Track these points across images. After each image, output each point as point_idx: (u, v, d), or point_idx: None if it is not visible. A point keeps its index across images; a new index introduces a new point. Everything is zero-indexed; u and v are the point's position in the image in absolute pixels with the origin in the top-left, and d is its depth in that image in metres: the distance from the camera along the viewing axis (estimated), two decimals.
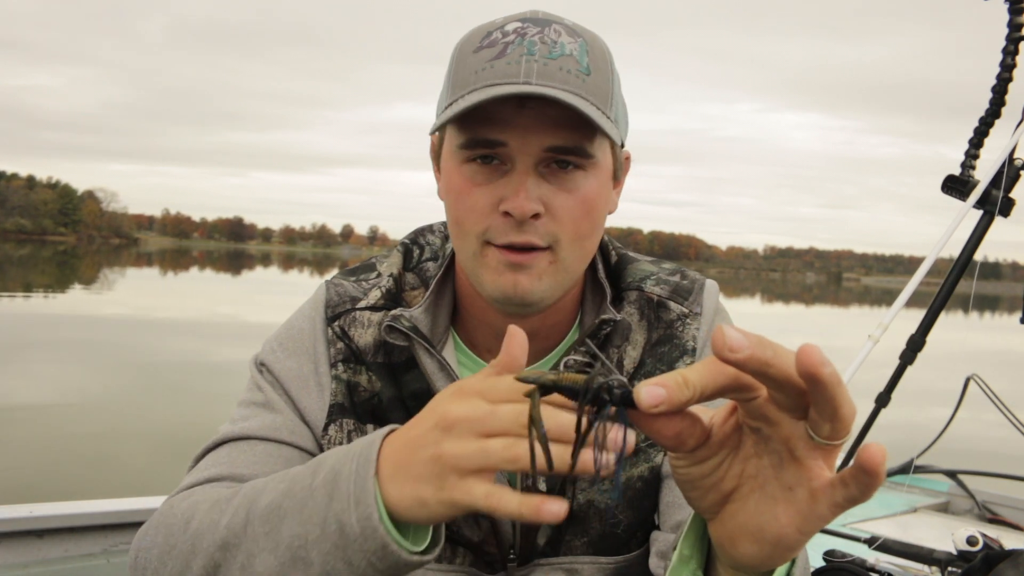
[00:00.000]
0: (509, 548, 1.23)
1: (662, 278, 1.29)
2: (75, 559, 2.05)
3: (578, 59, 1.07)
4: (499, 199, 1.08)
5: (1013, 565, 1.79)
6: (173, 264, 77.33)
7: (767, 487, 0.68)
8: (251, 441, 1.19)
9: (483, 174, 1.09)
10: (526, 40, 1.06)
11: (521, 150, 1.07)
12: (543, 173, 1.09)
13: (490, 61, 1.06)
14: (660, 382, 0.62)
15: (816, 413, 0.62)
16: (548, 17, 1.11)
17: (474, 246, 1.12)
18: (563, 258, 1.12)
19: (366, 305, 1.25)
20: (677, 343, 1.25)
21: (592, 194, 1.11)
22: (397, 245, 1.34)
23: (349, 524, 0.83)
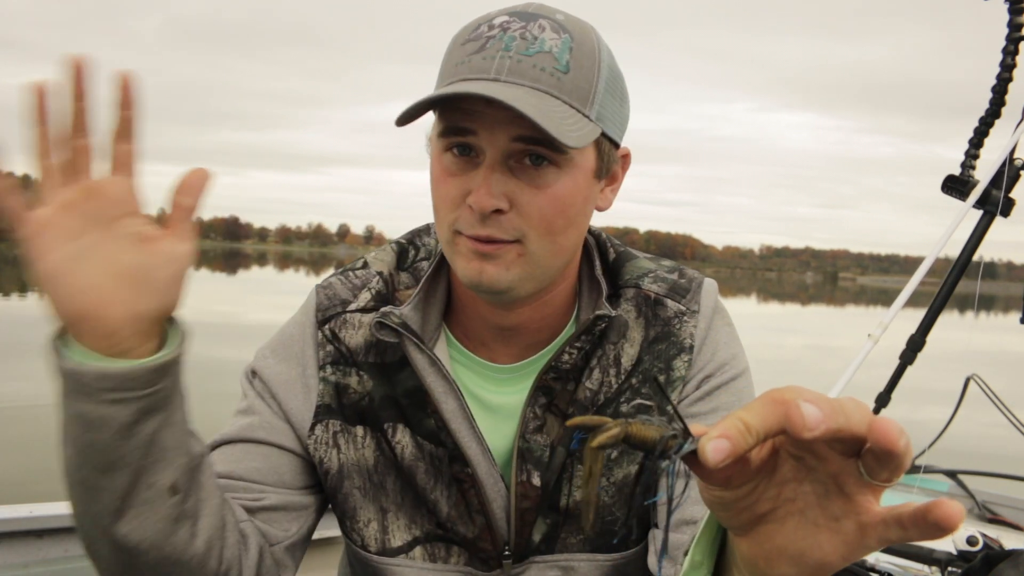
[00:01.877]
0: (504, 545, 1.23)
1: (660, 276, 1.29)
2: (75, 559, 2.05)
3: (556, 56, 1.06)
4: (467, 191, 1.09)
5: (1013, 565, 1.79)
6: None
7: (808, 513, 0.66)
8: (230, 444, 1.22)
9: (457, 165, 1.10)
10: (507, 35, 1.07)
11: (489, 141, 1.07)
12: (512, 168, 1.08)
13: (470, 55, 1.08)
14: (724, 434, 0.59)
15: (876, 463, 0.60)
16: (539, 11, 1.11)
17: (447, 234, 1.13)
18: (532, 251, 1.11)
19: (356, 307, 1.26)
20: (674, 340, 1.25)
21: (564, 191, 1.10)
22: (391, 243, 1.34)
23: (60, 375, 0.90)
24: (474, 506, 1.21)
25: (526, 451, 1.20)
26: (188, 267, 0.92)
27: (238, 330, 19.27)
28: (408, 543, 1.24)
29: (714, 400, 1.24)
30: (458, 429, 1.19)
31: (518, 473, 1.21)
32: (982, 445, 4.98)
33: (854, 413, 0.59)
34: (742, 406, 1.26)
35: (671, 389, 1.23)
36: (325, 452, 1.23)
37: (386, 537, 1.24)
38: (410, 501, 1.23)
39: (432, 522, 1.23)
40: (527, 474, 1.21)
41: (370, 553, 1.25)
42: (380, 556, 1.25)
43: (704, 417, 1.23)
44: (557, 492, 1.22)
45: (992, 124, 2.47)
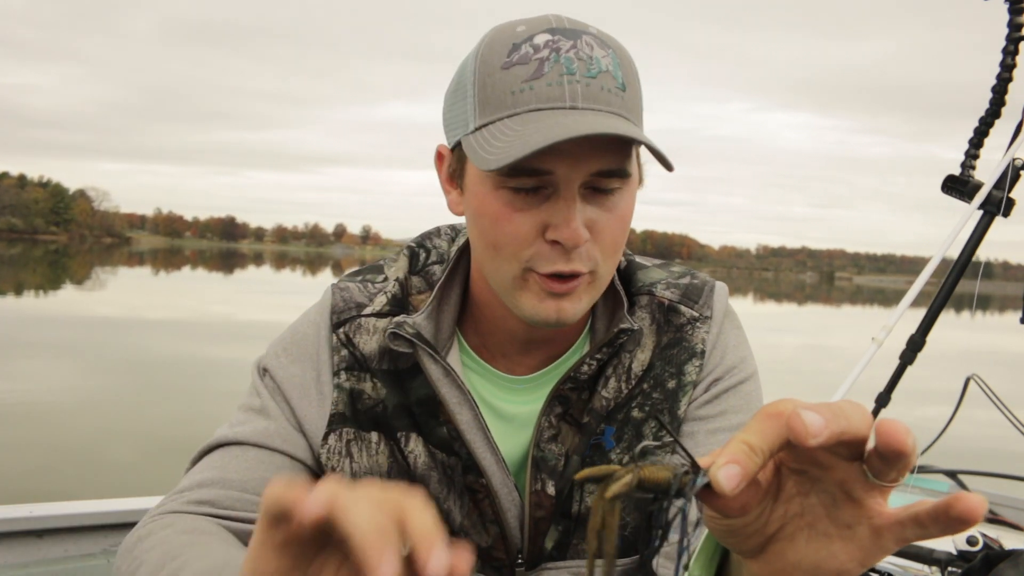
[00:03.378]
0: (517, 553, 1.22)
1: (672, 282, 1.28)
2: (75, 559, 2.04)
3: (614, 75, 1.04)
4: (544, 226, 1.05)
5: (1013, 565, 1.79)
6: (165, 263, 77.24)
7: (818, 525, 0.65)
8: (244, 447, 1.19)
9: (523, 199, 1.05)
10: (562, 56, 1.02)
11: (567, 177, 1.03)
12: (585, 195, 1.06)
13: (527, 81, 1.02)
14: (732, 459, 0.59)
15: (883, 463, 0.60)
16: (575, 27, 1.06)
17: (515, 271, 1.08)
18: (600, 275, 1.11)
19: (371, 312, 1.24)
20: (686, 346, 1.24)
21: (628, 209, 1.10)
22: (403, 248, 1.32)
23: None
24: (488, 516, 1.20)
25: (540, 460, 1.20)
26: None
27: (235, 329, 19.29)
28: None
29: (722, 403, 1.24)
30: (473, 440, 1.18)
31: (532, 482, 1.20)
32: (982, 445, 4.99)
33: (854, 415, 0.59)
34: (749, 410, 1.26)
35: (682, 394, 1.23)
36: (338, 462, 1.21)
37: None
38: None
39: (445, 530, 1.22)
40: (541, 483, 1.20)
41: None
42: None
43: (713, 420, 1.23)
44: (569, 499, 1.21)
45: (992, 124, 2.47)
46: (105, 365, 13.04)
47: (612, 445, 1.21)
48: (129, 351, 14.58)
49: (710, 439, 1.21)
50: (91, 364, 13.03)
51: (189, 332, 17.96)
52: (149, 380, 11.77)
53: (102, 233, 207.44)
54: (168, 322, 20.13)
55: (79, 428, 8.83)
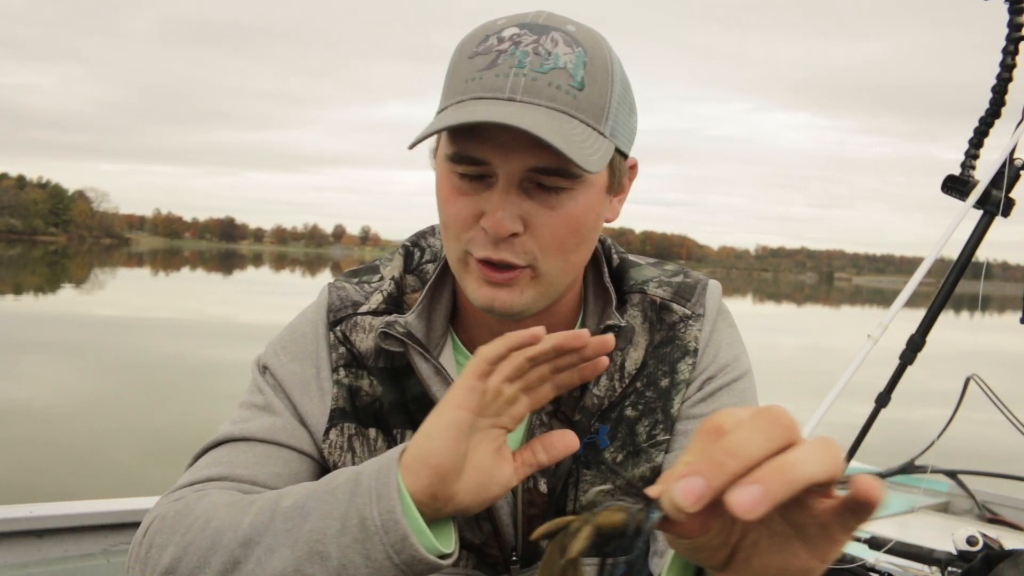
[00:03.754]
0: (511, 551, 1.22)
1: (664, 280, 1.28)
2: (75, 559, 2.04)
3: (572, 72, 1.03)
4: (480, 212, 1.07)
5: (1013, 565, 1.79)
6: (164, 264, 77.22)
7: (774, 527, 0.66)
8: (250, 442, 1.19)
9: (469, 184, 1.07)
10: (519, 50, 1.03)
11: (504, 168, 1.04)
12: (527, 189, 1.06)
13: (480, 71, 1.04)
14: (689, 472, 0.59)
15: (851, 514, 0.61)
16: (549, 23, 1.07)
17: (458, 252, 1.11)
18: (545, 272, 1.10)
19: (367, 310, 1.24)
20: (679, 344, 1.24)
21: (578, 211, 1.08)
22: (399, 248, 1.33)
23: (371, 517, 0.91)
24: (481, 513, 1.20)
25: None
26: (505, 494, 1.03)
27: (234, 330, 19.30)
28: None
29: (716, 401, 1.24)
30: None
31: (524, 480, 1.18)
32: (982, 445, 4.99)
33: (812, 462, 0.58)
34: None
35: (675, 392, 1.23)
36: (340, 456, 1.21)
37: None
38: None
39: None
40: (533, 481, 1.20)
41: None
42: None
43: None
44: (564, 497, 1.21)
45: (992, 124, 2.47)
46: (104, 366, 13.04)
47: (606, 444, 1.21)
48: (128, 352, 14.58)
49: None
50: (90, 365, 13.03)
51: (188, 333, 17.96)
52: (148, 381, 11.77)
53: (101, 234, 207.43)
54: (167, 323, 20.14)
55: (78, 428, 8.83)
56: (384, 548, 0.90)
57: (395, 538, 0.90)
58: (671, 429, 1.23)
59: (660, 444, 1.22)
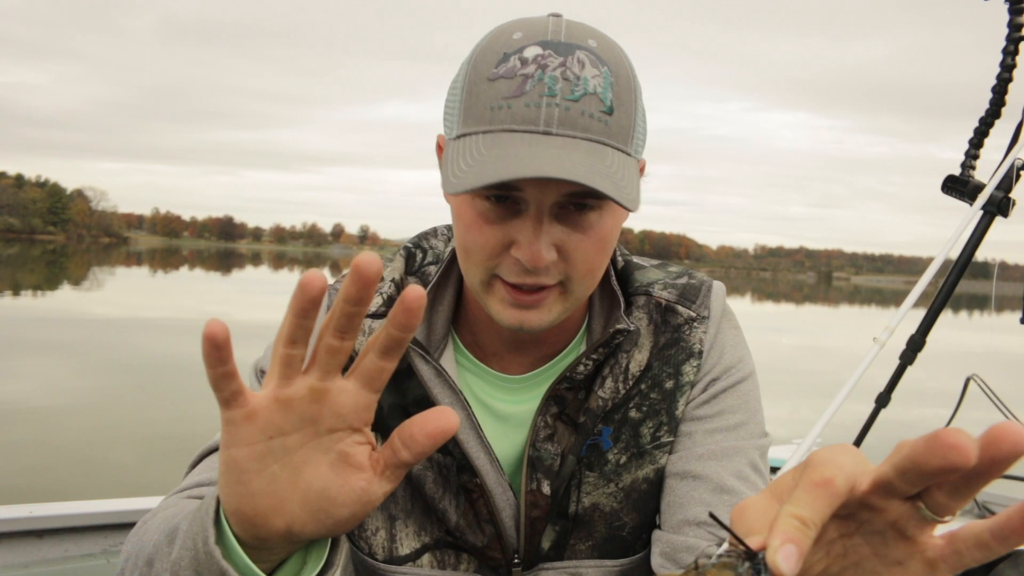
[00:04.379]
0: (513, 553, 1.22)
1: (669, 282, 1.28)
2: (75, 559, 2.04)
3: (602, 97, 1.00)
4: (511, 241, 1.05)
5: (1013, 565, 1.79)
6: (163, 263, 77.20)
7: (864, 564, 0.63)
8: None
9: (495, 212, 1.05)
10: (547, 75, 0.99)
11: (537, 197, 1.02)
12: (557, 215, 1.05)
13: (507, 99, 1.00)
14: (788, 538, 0.55)
15: (950, 498, 0.57)
16: (571, 40, 1.03)
17: (482, 276, 1.09)
18: (573, 290, 1.10)
19: (367, 313, 1.24)
20: (684, 346, 1.24)
21: (607, 231, 1.08)
22: (400, 249, 1.32)
23: (199, 549, 0.80)
24: (483, 515, 1.20)
25: (536, 460, 1.19)
26: (373, 508, 0.79)
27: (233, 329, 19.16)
28: (416, 551, 1.22)
29: (720, 403, 1.23)
30: (466, 440, 1.18)
31: (528, 482, 1.19)
32: None
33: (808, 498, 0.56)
34: (747, 410, 1.25)
35: (680, 394, 1.23)
36: None
37: (394, 545, 1.22)
38: (419, 509, 1.22)
39: (441, 529, 1.22)
40: (537, 483, 1.20)
41: (377, 561, 1.23)
42: (387, 564, 1.23)
43: (710, 420, 1.22)
44: (566, 499, 1.21)
45: (992, 124, 2.47)
46: (103, 365, 13.03)
47: (610, 445, 1.21)
48: (127, 351, 14.57)
49: (707, 439, 1.21)
50: (88, 364, 13.02)
51: (187, 332, 17.93)
52: (147, 380, 11.76)
53: (100, 233, 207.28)
54: (166, 322, 20.13)
55: (76, 428, 8.82)
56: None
57: (216, 570, 0.78)
58: (675, 431, 1.22)
59: (664, 446, 1.22)
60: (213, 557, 0.77)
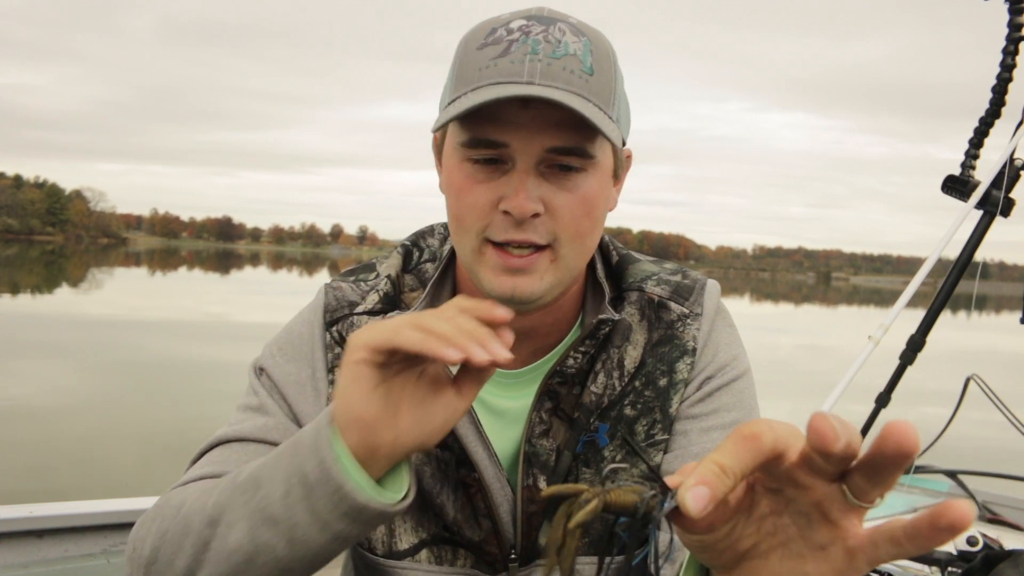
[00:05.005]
0: (510, 548, 1.23)
1: (663, 278, 1.29)
2: (75, 559, 2.04)
3: (581, 59, 1.06)
4: (499, 197, 1.08)
5: (1013, 565, 1.79)
6: (162, 264, 77.19)
7: (791, 545, 0.65)
8: (244, 442, 1.20)
9: (484, 172, 1.09)
10: (530, 38, 1.06)
11: (523, 150, 1.06)
12: (544, 173, 1.08)
13: (494, 59, 1.06)
14: (701, 480, 0.58)
15: (868, 482, 0.59)
16: (553, 15, 1.10)
17: (473, 243, 1.12)
18: (563, 255, 1.11)
19: (364, 310, 1.25)
20: (677, 343, 1.25)
21: (592, 193, 1.11)
22: (397, 247, 1.34)
23: (309, 473, 0.89)
24: (480, 510, 1.21)
25: (532, 456, 1.20)
26: (458, 420, 0.94)
27: (231, 330, 19.28)
28: (414, 546, 1.23)
29: (714, 401, 1.24)
30: (465, 435, 1.19)
31: (524, 478, 1.20)
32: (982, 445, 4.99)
33: (854, 428, 0.58)
34: (742, 408, 1.26)
35: (673, 392, 1.23)
36: None
37: (393, 540, 1.23)
38: (417, 504, 1.23)
39: (439, 524, 1.23)
40: (533, 478, 1.20)
41: (376, 556, 1.25)
42: (386, 559, 1.24)
43: (705, 418, 1.23)
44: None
45: (992, 124, 2.47)
46: (101, 366, 13.03)
47: (606, 442, 1.21)
48: (125, 351, 14.57)
49: (703, 437, 1.22)
50: (87, 364, 13.02)
51: (185, 333, 17.94)
52: (145, 381, 11.77)
53: (98, 234, 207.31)
54: (164, 323, 20.12)
55: (75, 428, 8.82)
56: (325, 500, 0.89)
57: (332, 488, 0.88)
58: (669, 429, 1.23)
59: (659, 444, 1.23)
60: (331, 472, 0.88)
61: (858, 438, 0.58)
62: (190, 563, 0.99)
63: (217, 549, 0.96)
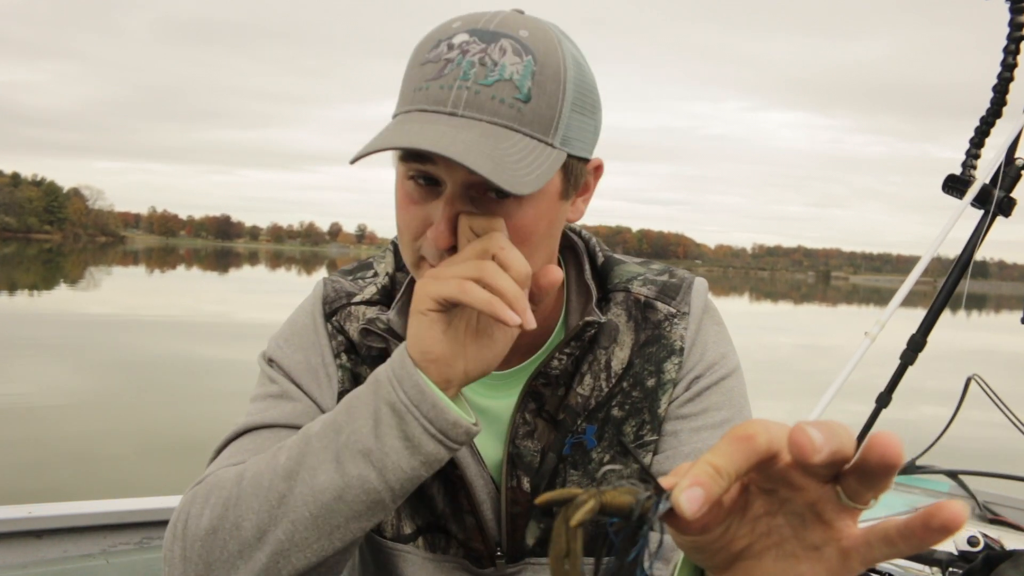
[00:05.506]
0: (496, 546, 1.24)
1: (649, 278, 1.28)
2: (74, 559, 2.04)
3: (518, 84, 1.02)
4: (428, 222, 1.08)
5: (1013, 565, 1.79)
6: (160, 262, 77.17)
7: (785, 545, 0.65)
8: (274, 429, 1.19)
9: (419, 192, 1.08)
10: (465, 60, 1.02)
11: (448, 174, 1.04)
12: (474, 198, 1.06)
13: (428, 80, 1.03)
14: (695, 481, 0.58)
15: (861, 484, 0.59)
16: (501, 29, 1.05)
17: (411, 256, 1.12)
18: None
19: (361, 300, 1.26)
20: (665, 343, 1.24)
21: (527, 221, 1.07)
22: (388, 245, 1.35)
23: (399, 400, 1.00)
24: (464, 507, 1.22)
25: (516, 457, 1.21)
26: (507, 349, 1.07)
27: (230, 329, 19.28)
28: (414, 532, 1.26)
29: (704, 401, 1.23)
30: None
31: (508, 479, 1.21)
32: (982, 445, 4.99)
33: (843, 434, 0.58)
34: (732, 407, 1.26)
35: (662, 392, 1.23)
36: None
37: (400, 524, 1.26)
38: (414, 493, 1.23)
39: (432, 515, 1.25)
40: (517, 479, 1.21)
41: (384, 538, 1.27)
42: (394, 542, 1.26)
43: (695, 418, 1.22)
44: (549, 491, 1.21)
45: (993, 124, 2.47)
46: (99, 364, 13.02)
47: (594, 444, 1.22)
48: (124, 350, 14.56)
49: (693, 437, 1.21)
50: (85, 363, 13.01)
51: (184, 332, 17.94)
52: (144, 380, 11.76)
53: (96, 232, 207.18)
54: (163, 321, 20.11)
55: (73, 427, 8.81)
56: (419, 422, 0.99)
57: (427, 408, 0.99)
58: (658, 430, 1.23)
59: (648, 445, 1.23)
60: (425, 393, 1.00)
61: (847, 443, 0.58)
62: (260, 522, 1.03)
63: (299, 495, 1.02)
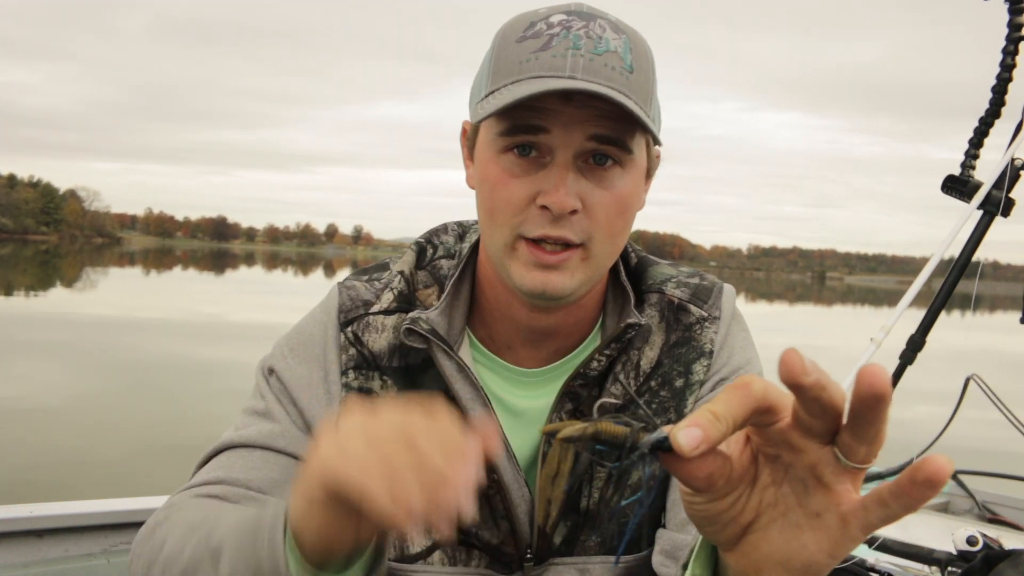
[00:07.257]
0: (526, 548, 1.22)
1: (682, 281, 1.30)
2: (75, 559, 2.03)
3: (622, 56, 1.06)
4: (536, 192, 1.08)
5: (1013, 565, 1.79)
6: (156, 263, 77.04)
7: (789, 515, 0.67)
8: (249, 448, 1.19)
9: (521, 166, 1.09)
10: (571, 33, 1.06)
11: (563, 140, 1.06)
12: (581, 168, 1.08)
13: (535, 52, 1.05)
14: (693, 422, 0.60)
15: (853, 437, 0.61)
16: (592, 12, 1.11)
17: (506, 238, 1.11)
18: (595, 254, 1.12)
19: (379, 309, 1.24)
20: (695, 345, 1.25)
21: (627, 191, 1.11)
22: (411, 244, 1.33)
23: (264, 561, 0.88)
24: (499, 512, 1.21)
25: None
26: None
27: (226, 330, 19.26)
28: (427, 548, 1.23)
29: None
30: None
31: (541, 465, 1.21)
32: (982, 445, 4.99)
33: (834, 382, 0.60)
34: None
35: (689, 393, 1.24)
36: None
37: (404, 544, 1.23)
38: None
39: (455, 528, 1.23)
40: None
41: (388, 560, 1.24)
42: (398, 563, 1.23)
43: None
44: (578, 495, 1.21)
45: (992, 124, 2.47)
46: (96, 365, 13.00)
47: None
48: (120, 351, 14.54)
49: None
50: (82, 364, 12.99)
51: (180, 332, 17.91)
52: (140, 381, 11.74)
53: (93, 233, 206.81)
54: (159, 322, 20.08)
55: (70, 428, 8.81)
56: None
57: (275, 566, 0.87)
58: None
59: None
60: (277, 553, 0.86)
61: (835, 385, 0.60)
62: None
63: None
